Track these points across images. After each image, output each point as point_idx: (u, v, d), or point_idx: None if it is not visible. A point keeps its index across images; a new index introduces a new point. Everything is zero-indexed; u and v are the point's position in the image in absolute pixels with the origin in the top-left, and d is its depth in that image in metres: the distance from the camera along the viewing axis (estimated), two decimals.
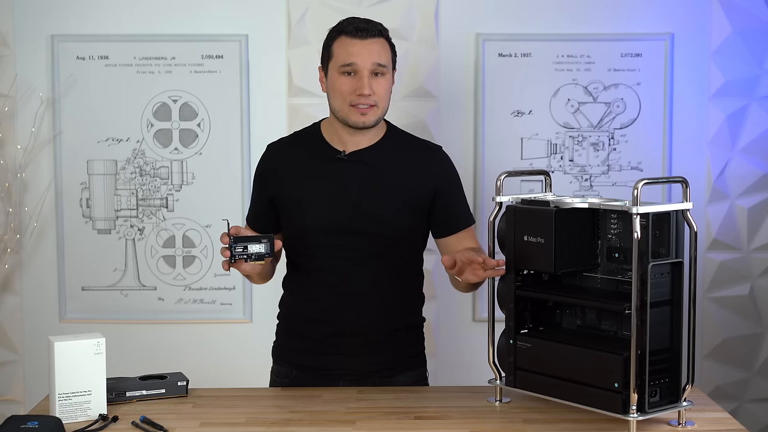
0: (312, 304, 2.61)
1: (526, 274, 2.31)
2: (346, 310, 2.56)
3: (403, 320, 2.61)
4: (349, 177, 2.55)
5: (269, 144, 2.71)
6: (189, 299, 3.57)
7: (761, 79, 3.50)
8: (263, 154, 2.69)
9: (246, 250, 2.37)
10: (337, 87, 2.52)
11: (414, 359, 2.66)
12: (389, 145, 2.60)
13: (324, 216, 2.54)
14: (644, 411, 2.09)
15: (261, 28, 3.49)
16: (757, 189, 3.53)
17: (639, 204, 2.06)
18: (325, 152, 2.58)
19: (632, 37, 3.47)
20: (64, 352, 2.20)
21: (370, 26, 2.53)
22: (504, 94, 3.48)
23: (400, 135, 2.66)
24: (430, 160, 2.61)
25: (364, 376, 2.57)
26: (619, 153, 3.50)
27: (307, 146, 2.62)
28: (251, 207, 2.71)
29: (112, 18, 3.49)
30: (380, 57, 2.51)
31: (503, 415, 2.27)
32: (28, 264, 3.56)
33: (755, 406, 3.62)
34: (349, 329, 2.56)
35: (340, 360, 2.58)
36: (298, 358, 2.63)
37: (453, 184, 2.63)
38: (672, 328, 2.15)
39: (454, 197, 2.62)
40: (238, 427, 2.20)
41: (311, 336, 2.60)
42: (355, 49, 2.50)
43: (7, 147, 3.50)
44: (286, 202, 2.60)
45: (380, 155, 2.57)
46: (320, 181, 2.56)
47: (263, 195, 2.65)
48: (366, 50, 2.50)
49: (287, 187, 2.59)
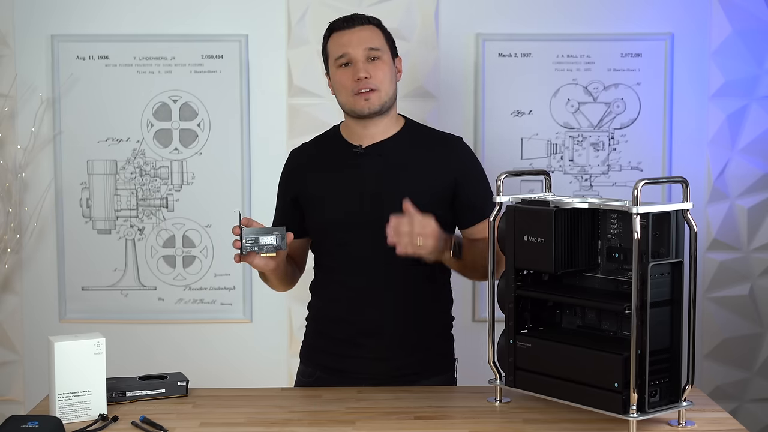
0: (335, 303, 2.59)
1: (526, 274, 2.31)
2: (367, 309, 2.54)
3: (428, 319, 2.58)
4: (367, 170, 2.55)
5: (291, 150, 2.72)
6: (189, 299, 3.57)
7: (761, 79, 3.50)
8: (286, 160, 2.70)
9: (257, 242, 2.36)
10: (337, 81, 2.54)
11: (441, 362, 2.61)
12: (407, 138, 2.59)
13: (343, 209, 2.54)
14: (644, 411, 2.09)
15: (261, 28, 3.49)
16: (757, 189, 3.54)
17: (639, 204, 2.06)
18: (344, 149, 2.59)
19: (632, 37, 3.47)
20: (64, 352, 2.20)
21: (357, 16, 2.56)
22: (504, 94, 3.49)
23: (418, 128, 2.64)
24: (449, 152, 2.59)
25: (388, 380, 2.53)
26: (619, 153, 3.50)
27: (327, 147, 2.63)
28: (276, 213, 2.70)
29: (113, 18, 3.49)
30: (372, 41, 2.52)
31: (503, 415, 2.27)
32: (28, 264, 3.56)
33: (755, 406, 3.62)
34: (372, 329, 2.53)
35: (364, 363, 2.54)
36: (323, 359, 2.61)
37: (474, 174, 2.60)
38: (672, 328, 2.15)
39: (474, 188, 2.58)
40: (238, 427, 2.20)
41: (335, 336, 2.58)
42: (344, 39, 2.52)
43: (7, 147, 3.50)
44: (309, 201, 2.60)
45: (398, 148, 2.56)
46: (340, 176, 2.57)
47: (287, 198, 2.66)
48: (355, 37, 2.52)
49: (309, 186, 2.60)
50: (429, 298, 2.58)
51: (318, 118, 3.45)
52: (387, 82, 2.53)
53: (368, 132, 2.56)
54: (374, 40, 2.53)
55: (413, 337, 2.56)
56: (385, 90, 2.52)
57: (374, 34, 2.55)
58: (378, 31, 2.56)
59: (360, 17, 2.57)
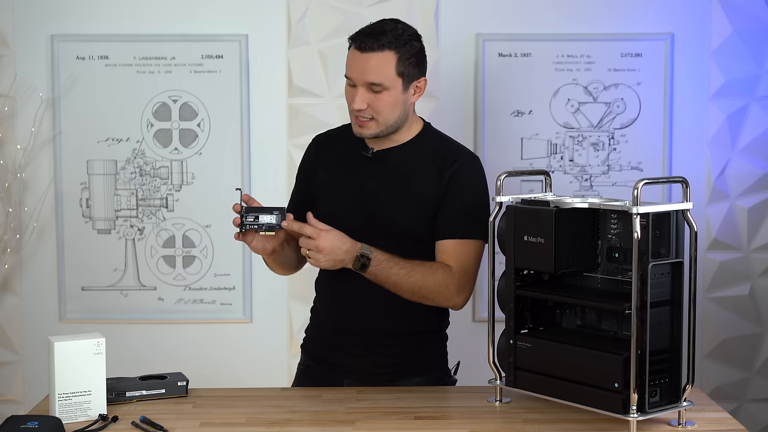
0: (325, 300, 2.65)
1: (526, 274, 2.31)
2: (350, 308, 2.57)
3: (406, 324, 2.58)
4: (369, 175, 2.55)
5: (316, 136, 2.74)
6: (189, 299, 3.57)
7: (761, 79, 3.50)
8: (309, 144, 2.72)
9: (257, 220, 2.36)
10: (346, 94, 2.53)
11: (425, 363, 2.61)
12: (417, 147, 2.56)
13: (341, 209, 2.56)
14: (644, 411, 2.09)
15: (261, 28, 3.49)
16: (757, 189, 3.53)
17: (639, 204, 2.06)
18: (358, 148, 2.59)
19: (632, 37, 3.47)
20: (64, 352, 2.20)
21: (378, 37, 2.42)
22: (504, 94, 3.48)
23: (432, 137, 2.59)
24: (448, 166, 2.52)
25: (367, 377, 2.56)
26: (619, 153, 3.49)
27: (345, 141, 2.63)
28: (292, 195, 2.73)
29: (112, 18, 3.49)
30: (375, 75, 2.42)
31: (503, 415, 2.27)
32: (27, 264, 3.55)
33: (755, 406, 3.62)
34: (352, 328, 2.57)
35: (346, 358, 2.59)
36: (313, 348, 2.68)
37: (462, 190, 2.51)
38: (672, 328, 2.15)
39: (453, 202, 2.51)
40: (238, 427, 2.20)
41: (323, 329, 2.65)
42: (353, 62, 2.46)
43: (7, 147, 3.50)
44: (317, 188, 2.63)
45: (403, 155, 2.55)
46: (345, 174, 2.59)
47: (303, 178, 2.69)
48: (359, 66, 2.44)
49: (320, 172, 2.63)
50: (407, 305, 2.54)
51: (318, 118, 3.45)
52: (388, 111, 2.46)
53: (379, 139, 2.56)
54: (380, 74, 2.42)
55: (394, 338, 2.57)
56: (384, 119, 2.47)
57: (384, 65, 2.42)
58: (392, 60, 2.42)
59: (377, 41, 2.42)
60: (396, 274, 2.46)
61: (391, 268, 2.46)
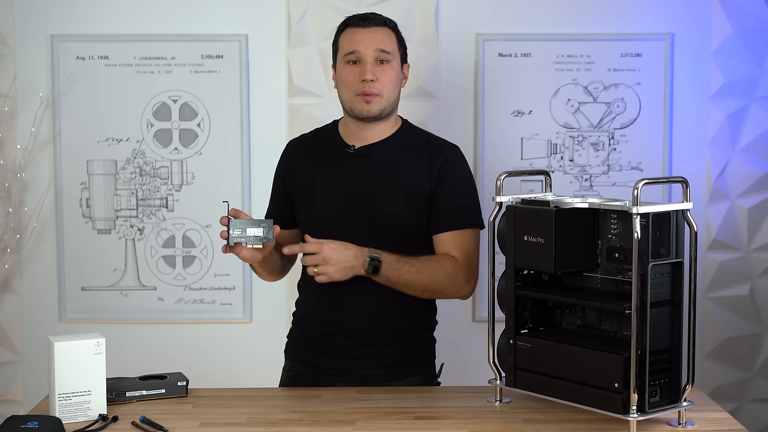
0: (312, 302, 2.63)
1: (526, 274, 2.31)
2: (341, 310, 2.56)
3: (400, 324, 2.57)
4: (354, 172, 2.56)
5: (289, 141, 2.76)
6: (189, 299, 3.57)
7: (761, 79, 3.50)
8: (283, 150, 2.74)
9: (244, 233, 2.37)
10: (343, 77, 2.54)
11: (414, 365, 2.61)
12: (399, 142, 2.59)
13: (324, 208, 2.56)
14: (644, 411, 2.09)
15: (261, 28, 3.49)
16: (757, 189, 3.53)
17: (639, 204, 2.06)
18: (338, 147, 2.60)
19: (632, 37, 3.47)
20: (64, 352, 2.20)
21: (375, 16, 2.55)
22: (504, 94, 3.48)
23: (412, 132, 2.64)
24: (435, 158, 2.56)
25: (360, 378, 2.56)
26: (619, 153, 3.50)
27: (322, 141, 2.65)
28: (270, 204, 2.74)
29: (113, 18, 3.49)
30: (384, 44, 2.51)
31: (503, 415, 2.27)
32: (27, 264, 3.56)
33: (755, 406, 3.62)
34: (344, 329, 2.56)
35: (336, 360, 2.58)
36: (300, 354, 2.66)
37: (453, 182, 2.55)
38: (672, 328, 2.15)
39: (447, 195, 2.54)
40: (238, 427, 2.20)
41: (310, 333, 2.62)
42: (358, 37, 2.52)
43: (7, 147, 3.50)
44: (298, 192, 2.62)
45: (387, 151, 2.57)
46: (329, 174, 2.58)
47: (280, 188, 2.68)
48: (368, 37, 2.51)
49: (300, 180, 2.63)
50: (404, 301, 2.55)
51: (318, 118, 3.44)
52: (391, 87, 2.53)
53: (363, 134, 2.57)
54: (387, 43, 2.53)
55: (383, 339, 2.57)
56: (387, 96, 2.52)
57: (388, 37, 2.54)
58: (392, 35, 2.56)
59: (377, 18, 2.56)
60: (408, 272, 2.47)
61: (402, 267, 2.47)
